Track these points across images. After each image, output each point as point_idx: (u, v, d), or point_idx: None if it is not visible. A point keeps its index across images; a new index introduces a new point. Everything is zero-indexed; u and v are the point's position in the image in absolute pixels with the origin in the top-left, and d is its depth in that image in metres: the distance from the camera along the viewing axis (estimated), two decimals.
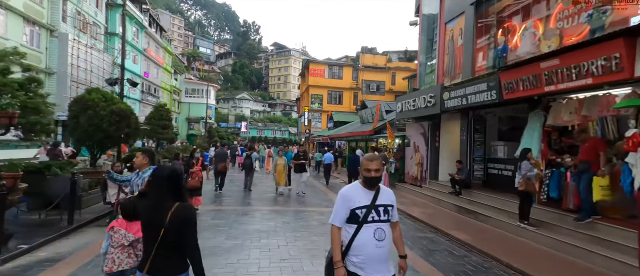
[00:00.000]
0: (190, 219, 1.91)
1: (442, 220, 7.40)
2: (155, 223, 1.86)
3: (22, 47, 17.44)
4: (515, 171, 7.16)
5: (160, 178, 1.96)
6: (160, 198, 1.91)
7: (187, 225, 1.88)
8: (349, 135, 19.38)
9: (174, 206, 1.87)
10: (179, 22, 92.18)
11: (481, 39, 8.88)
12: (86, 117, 6.89)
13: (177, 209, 1.87)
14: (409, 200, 9.96)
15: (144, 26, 31.11)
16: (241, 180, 13.49)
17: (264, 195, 10.11)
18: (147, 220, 1.93)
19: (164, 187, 1.92)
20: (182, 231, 1.85)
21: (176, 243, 1.85)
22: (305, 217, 7.23)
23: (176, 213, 1.86)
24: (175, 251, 1.87)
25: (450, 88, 8.91)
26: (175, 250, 1.87)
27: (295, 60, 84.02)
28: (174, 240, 1.84)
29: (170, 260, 1.87)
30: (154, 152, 3.62)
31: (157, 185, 1.96)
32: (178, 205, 1.89)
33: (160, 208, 1.88)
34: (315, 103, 35.37)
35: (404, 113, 11.67)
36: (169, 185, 1.93)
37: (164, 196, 1.91)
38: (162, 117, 12.58)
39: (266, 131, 62.46)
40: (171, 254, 1.87)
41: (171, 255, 1.87)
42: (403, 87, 34.19)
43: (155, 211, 1.89)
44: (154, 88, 34.88)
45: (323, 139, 26.19)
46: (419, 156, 11.28)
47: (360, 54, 36.82)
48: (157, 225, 1.84)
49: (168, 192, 1.92)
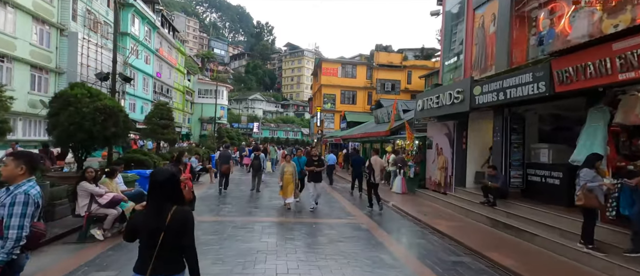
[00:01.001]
0: (189, 221, 1.96)
1: (476, 236, 6.20)
2: (154, 227, 1.88)
3: (32, 46, 17.35)
4: (569, 179, 5.92)
5: (158, 182, 1.95)
6: (159, 202, 1.93)
7: (185, 227, 1.94)
8: (363, 135, 18.23)
9: (172, 209, 1.91)
10: (194, 24, 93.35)
11: (519, 24, 7.60)
12: (66, 114, 6.12)
13: (175, 212, 1.91)
14: (432, 209, 8.75)
15: (156, 26, 30.97)
16: (247, 182, 12.68)
17: (269, 201, 9.14)
18: (146, 224, 1.92)
19: (162, 190, 1.94)
20: (180, 233, 1.92)
21: (174, 244, 1.92)
22: (313, 232, 6.20)
23: (174, 216, 1.90)
24: (173, 252, 1.93)
25: (481, 81, 7.68)
26: (173, 250, 1.93)
27: (308, 60, 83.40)
28: (173, 242, 1.90)
29: (169, 261, 1.92)
30: (33, 157, 2.33)
31: (155, 188, 1.96)
32: (176, 208, 1.92)
33: (160, 212, 1.90)
34: (328, 103, 34.30)
35: (425, 111, 10.45)
36: (166, 189, 1.95)
37: (163, 200, 1.93)
38: (162, 116, 11.84)
39: (278, 132, 61.93)
40: (170, 255, 1.92)
41: (170, 255, 1.92)
42: (419, 85, 32.66)
43: (155, 215, 1.91)
44: (166, 88, 34.77)
45: (335, 140, 25.10)
46: (442, 159, 10.04)
47: (374, 52, 35.52)
48: (157, 229, 1.87)
49: (166, 195, 1.94)
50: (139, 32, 27.67)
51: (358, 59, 37.92)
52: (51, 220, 5.21)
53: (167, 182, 1.94)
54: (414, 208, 8.78)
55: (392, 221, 7.61)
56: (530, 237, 5.84)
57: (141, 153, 9.01)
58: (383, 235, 6.20)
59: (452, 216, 7.96)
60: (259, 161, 10.72)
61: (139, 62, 27.72)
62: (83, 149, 6.69)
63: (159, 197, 1.93)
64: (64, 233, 4.91)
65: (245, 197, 9.65)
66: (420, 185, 11.28)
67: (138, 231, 1.94)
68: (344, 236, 5.89)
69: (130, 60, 25.49)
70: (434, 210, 8.69)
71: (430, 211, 8.40)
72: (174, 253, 1.93)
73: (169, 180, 1.95)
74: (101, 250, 4.42)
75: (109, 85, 8.67)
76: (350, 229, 6.48)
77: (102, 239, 4.76)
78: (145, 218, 1.93)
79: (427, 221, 7.32)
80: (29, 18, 16.80)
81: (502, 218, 6.79)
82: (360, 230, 6.43)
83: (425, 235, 6.32)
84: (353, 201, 9.97)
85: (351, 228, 6.58)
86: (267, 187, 11.92)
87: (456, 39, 10.48)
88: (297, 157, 9.20)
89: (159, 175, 1.96)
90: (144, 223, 1.92)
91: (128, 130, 7.23)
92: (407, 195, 11.15)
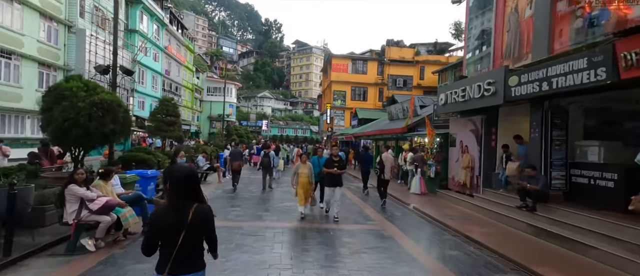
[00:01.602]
0: (210, 220, 1.98)
1: (517, 246, 5.41)
2: (174, 226, 1.86)
3: (39, 43, 17.14)
4: (626, 182, 5.08)
5: (178, 179, 1.94)
6: (179, 200, 1.91)
7: (206, 225, 1.97)
8: (376, 132, 17.42)
9: (193, 207, 1.89)
10: (203, 23, 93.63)
11: (561, 6, 6.70)
12: (60, 109, 5.58)
13: (196, 210, 1.90)
14: (459, 213, 7.95)
15: (165, 23, 30.71)
16: (257, 182, 12.11)
17: (281, 203, 8.49)
18: (166, 223, 1.89)
19: (181, 187, 1.93)
20: (201, 231, 1.95)
21: (196, 243, 1.93)
22: (331, 241, 5.51)
23: (196, 214, 1.89)
24: (194, 250, 1.93)
25: (519, 70, 6.82)
26: (194, 249, 1.93)
27: (317, 57, 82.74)
28: (194, 240, 1.90)
29: (189, 259, 1.90)
30: None
31: (175, 186, 1.94)
32: (197, 206, 1.91)
33: (180, 210, 1.88)
34: (338, 100, 33.51)
35: (449, 106, 9.61)
36: (186, 186, 1.93)
37: (182, 197, 1.92)
38: (167, 112, 11.29)
39: (287, 129, 61.47)
40: (191, 253, 1.91)
41: (191, 254, 1.91)
42: (432, 81, 31.57)
43: (175, 213, 1.88)
44: (175, 86, 34.58)
45: (346, 137, 24.33)
46: (467, 158, 9.21)
47: (386, 47, 34.46)
48: (177, 227, 1.85)
49: (186, 193, 1.93)
50: (147, 29, 27.41)
51: (368, 54, 36.87)
52: (41, 227, 4.65)
53: (186, 179, 1.93)
54: (438, 211, 8.00)
55: (417, 227, 6.86)
56: (584, 249, 5.01)
57: (144, 151, 8.47)
58: (411, 245, 5.46)
59: (483, 221, 7.15)
60: (269, 159, 10.45)
61: (147, 60, 27.49)
62: (80, 147, 6.15)
63: (178, 195, 1.91)
64: (53, 242, 4.33)
65: (255, 199, 9.02)
66: (442, 185, 10.46)
67: (160, 231, 1.89)
68: (368, 247, 5.18)
69: (138, 58, 25.28)
70: (461, 213, 7.89)
71: (457, 215, 7.61)
72: (195, 252, 1.92)
73: (187, 177, 1.94)
74: (91, 265, 3.83)
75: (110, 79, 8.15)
76: (373, 237, 5.77)
77: (93, 250, 4.18)
78: (165, 216, 1.90)
79: (457, 227, 6.54)
80: (36, 14, 16.55)
81: (545, 225, 5.96)
82: (384, 239, 5.70)
83: (459, 245, 5.56)
84: (369, 202, 9.24)
85: (373, 236, 5.87)
86: (278, 186, 11.30)
87: (483, 27, 9.59)
88: (317, 157, 7.74)
89: (178, 172, 1.96)
90: (164, 221, 1.89)
91: (129, 127, 6.67)
92: (427, 196, 10.36)
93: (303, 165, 6.97)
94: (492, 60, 8.89)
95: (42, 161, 7.01)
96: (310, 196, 6.91)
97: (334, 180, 6.77)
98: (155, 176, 6.59)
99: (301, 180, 6.83)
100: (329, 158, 7.14)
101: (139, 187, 6.06)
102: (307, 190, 6.85)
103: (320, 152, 7.91)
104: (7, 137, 14.31)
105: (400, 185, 12.58)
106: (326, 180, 6.93)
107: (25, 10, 15.83)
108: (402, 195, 10.47)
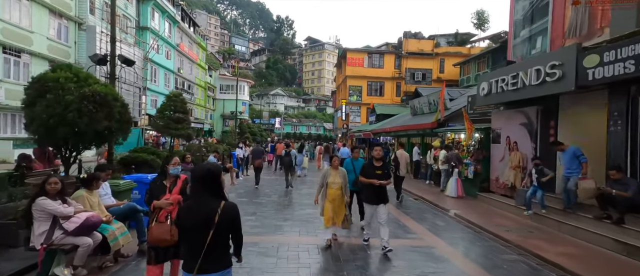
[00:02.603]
0: (237, 219, 2.00)
1: (609, 272, 4.14)
2: (202, 225, 1.86)
3: (49, 40, 16.73)
4: None
5: (201, 177, 1.96)
6: (204, 199, 1.92)
7: (234, 224, 1.98)
8: (399, 128, 16.11)
9: (221, 205, 1.91)
10: (215, 21, 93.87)
11: None
12: (44, 104, 4.68)
13: (224, 209, 1.91)
14: (514, 223, 6.65)
15: (176, 20, 30.18)
16: (273, 183, 11.16)
17: (302, 210, 7.44)
18: (193, 222, 1.89)
19: (205, 186, 1.93)
20: (229, 230, 1.97)
21: (223, 241, 1.94)
22: (370, 263, 4.40)
23: (224, 213, 1.90)
24: (222, 248, 1.95)
25: (600, 48, 5.47)
26: (222, 247, 1.95)
27: (329, 53, 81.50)
28: (222, 238, 1.92)
29: (217, 257, 1.91)
30: None
31: (198, 184, 1.97)
32: (224, 204, 1.92)
33: (206, 208, 1.89)
34: (354, 95, 32.22)
35: (493, 96, 8.29)
36: (209, 184, 1.94)
37: (207, 196, 1.92)
38: (176, 109, 10.40)
39: (300, 127, 60.62)
40: (218, 251, 1.91)
41: (218, 252, 1.91)
42: (453, 74, 29.86)
43: (200, 212, 1.88)
44: (188, 84, 34.13)
45: (364, 134, 23.07)
46: (517, 156, 7.88)
47: (403, 39, 32.86)
48: (205, 227, 1.85)
49: (210, 191, 1.93)
50: (159, 27, 26.90)
51: (384, 48, 35.35)
52: (13, 247, 3.75)
53: (209, 176, 1.95)
54: (486, 220, 6.75)
55: (468, 241, 5.65)
56: None
57: (148, 151, 7.60)
58: (476, 270, 4.27)
59: (551, 235, 5.86)
60: (290, 157, 10.10)
61: (160, 58, 27.01)
62: (70, 148, 5.27)
63: (202, 192, 1.92)
64: (23, 270, 3.41)
65: (272, 204, 8.00)
66: (482, 187, 9.14)
67: (187, 230, 1.89)
68: (421, 273, 4.04)
69: (150, 55, 24.79)
70: (516, 223, 6.60)
71: (513, 227, 6.33)
72: (223, 250, 1.95)
73: (210, 173, 1.95)
74: None
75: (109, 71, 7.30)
76: (422, 257, 4.61)
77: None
78: (192, 214, 1.89)
79: (520, 243, 5.29)
80: (46, 11, 16.09)
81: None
82: (437, 260, 4.54)
83: (535, 271, 4.32)
84: (404, 209, 8.06)
85: (422, 255, 4.71)
86: (298, 190, 10.21)
87: (534, 5, 8.18)
88: (351, 159, 5.71)
89: (200, 171, 2.02)
90: (189, 216, 1.90)
91: (128, 125, 5.74)
92: (465, 199, 9.08)
93: (334, 171, 4.95)
94: (549, 40, 7.50)
95: (34, 163, 6.20)
96: (344, 215, 4.89)
97: (378, 194, 4.63)
98: None
99: (331, 193, 4.86)
100: (368, 162, 5.07)
101: (138, 195, 5.13)
102: (339, 206, 4.87)
103: (355, 154, 5.85)
104: (19, 137, 13.91)
105: (429, 186, 11.32)
106: (366, 193, 4.82)
107: (33, 7, 15.36)
108: (437, 198, 9.23)
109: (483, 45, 32.59)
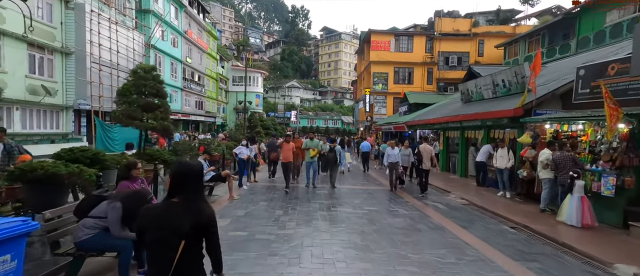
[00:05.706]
0: (213, 225, 1.71)
1: None
2: (171, 235, 1.58)
3: (26, 18, 14.35)
4: None
5: (184, 175, 1.67)
6: (176, 203, 1.65)
7: (208, 233, 1.69)
8: (451, 119, 12.61)
9: (194, 210, 1.64)
10: (229, 14, 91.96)
11: None
12: None
13: (197, 214, 1.65)
14: None
15: (183, 4, 27.52)
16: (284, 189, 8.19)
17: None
18: (159, 231, 1.59)
19: (180, 185, 1.67)
20: (202, 238, 1.68)
21: (196, 256, 1.66)
22: None
23: (196, 220, 1.63)
24: (194, 264, 1.66)
25: None
26: (194, 263, 1.66)
27: (346, 44, 77.73)
28: (194, 247, 1.65)
29: (190, 270, 1.63)
30: None
31: (179, 183, 1.68)
32: (198, 208, 1.66)
33: (177, 214, 1.62)
34: (379, 84, 28.69)
35: None
36: (196, 183, 1.73)
37: (182, 197, 1.66)
38: (146, 90, 6.68)
39: (317, 120, 57.56)
40: (191, 267, 1.64)
41: (192, 264, 1.64)
42: (494, 57, 25.75)
43: (170, 218, 1.60)
44: (198, 74, 31.66)
45: (395, 127, 19.61)
46: None
47: (436, 18, 28.81)
48: (177, 234, 1.58)
49: (184, 192, 1.67)
50: (163, 10, 24.25)
51: (413, 29, 31.40)
52: None
53: (196, 174, 1.73)
54: None
55: None
56: None
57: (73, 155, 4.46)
58: None
59: None
60: (335, 153, 9.52)
61: (165, 45, 24.48)
62: None
63: (174, 195, 1.66)
64: None
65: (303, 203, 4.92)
66: (634, 212, 5.59)
67: (151, 242, 1.60)
68: None
69: (153, 42, 22.28)
70: None
71: None
72: (195, 265, 1.65)
73: (197, 171, 1.74)
74: None
75: None
76: None
77: None
78: (158, 220, 1.61)
79: None
80: None
81: None
82: None
83: None
84: (451, 212, 4.76)
85: None
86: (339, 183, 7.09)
87: None
88: None
89: (184, 168, 1.73)
90: (157, 229, 1.60)
91: None
92: (601, 232, 5.55)
93: None
94: None
95: None
96: None
97: None
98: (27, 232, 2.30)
99: None
100: None
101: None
102: None
103: None
104: None
105: (513, 202, 7.84)
106: None
107: None
108: (550, 229, 5.66)
109: (531, 23, 28.10)
